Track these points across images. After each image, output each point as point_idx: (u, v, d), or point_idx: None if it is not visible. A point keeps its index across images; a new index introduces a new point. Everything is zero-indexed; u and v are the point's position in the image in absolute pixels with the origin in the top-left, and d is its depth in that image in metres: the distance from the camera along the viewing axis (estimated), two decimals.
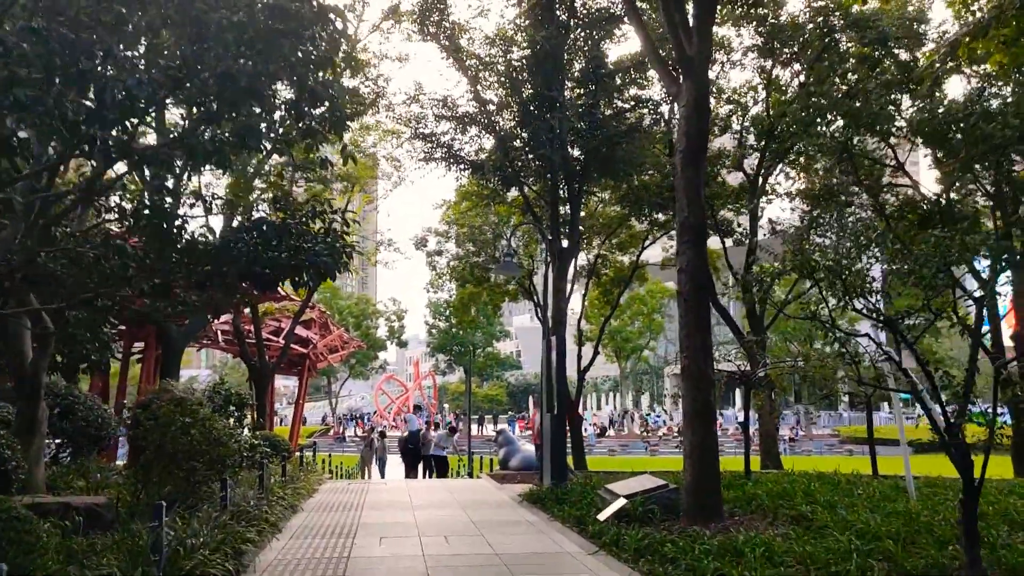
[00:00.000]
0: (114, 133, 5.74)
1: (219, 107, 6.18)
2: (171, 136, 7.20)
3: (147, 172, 7.75)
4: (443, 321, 70.05)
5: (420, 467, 25.22)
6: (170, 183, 9.90)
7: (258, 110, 6.37)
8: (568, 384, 18.06)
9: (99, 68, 5.24)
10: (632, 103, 21.54)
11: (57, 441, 14.21)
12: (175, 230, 6.90)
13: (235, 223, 7.50)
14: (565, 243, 19.58)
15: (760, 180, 23.08)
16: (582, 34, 19.92)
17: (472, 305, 35.85)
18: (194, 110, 6.72)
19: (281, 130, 6.99)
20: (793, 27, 20.60)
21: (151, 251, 7.22)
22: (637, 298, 60.05)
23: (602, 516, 10.27)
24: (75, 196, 7.25)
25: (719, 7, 18.87)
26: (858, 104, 22.08)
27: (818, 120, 22.82)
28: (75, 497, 9.47)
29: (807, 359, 12.35)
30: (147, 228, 6.77)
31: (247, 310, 24.95)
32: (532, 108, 18.96)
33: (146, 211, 6.83)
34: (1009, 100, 20.08)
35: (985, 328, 22.01)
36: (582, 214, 22.90)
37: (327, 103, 6.75)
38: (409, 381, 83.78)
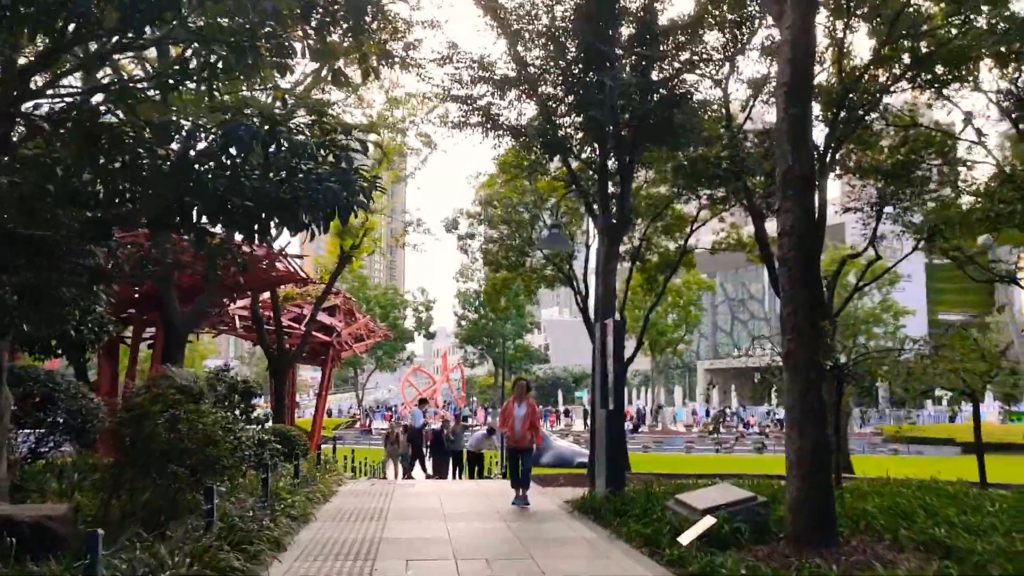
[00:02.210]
0: None
1: None
2: None
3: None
4: (472, 312, 68.32)
5: (451, 465, 23.37)
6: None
7: None
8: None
9: None
10: (688, 66, 19.44)
11: (39, 432, 12.40)
12: (106, 140, 4.95)
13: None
14: (614, 220, 17.54)
15: (828, 156, 20.80)
16: None
17: (503, 294, 33.93)
18: None
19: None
20: None
21: (77, 173, 5.27)
22: (673, 289, 57.83)
23: (684, 539, 8.22)
24: None
25: None
26: (937, 70, 19.88)
27: (891, 89, 20.63)
28: (26, 507, 7.59)
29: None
30: (72, 137, 4.86)
31: (266, 294, 23.29)
32: (579, 68, 16.97)
33: (74, 113, 4.93)
34: None
35: None
36: None
37: None
38: (437, 373, 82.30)
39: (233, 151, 5.16)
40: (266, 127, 5.10)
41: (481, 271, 45.98)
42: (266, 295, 23.19)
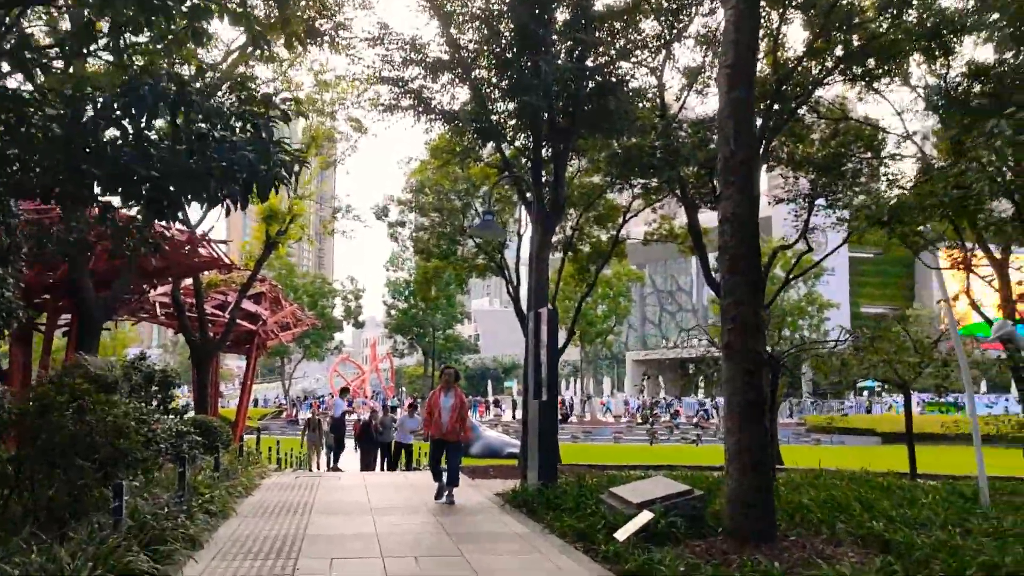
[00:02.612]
0: None
1: None
2: None
3: None
4: (402, 301, 67.65)
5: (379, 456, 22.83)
6: None
7: None
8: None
9: None
10: (623, 53, 19.28)
11: None
12: None
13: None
14: (547, 208, 17.27)
15: (761, 147, 20.88)
16: None
17: (434, 283, 33.48)
18: None
19: None
20: None
21: None
22: (603, 280, 58.12)
23: (621, 535, 8.00)
24: None
25: None
26: (868, 64, 20.15)
27: (824, 81, 20.85)
28: None
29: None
30: None
31: (189, 281, 22.41)
32: (513, 52, 16.63)
33: None
34: None
35: None
36: None
37: None
38: (366, 363, 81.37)
39: (135, 112, 4.62)
40: (174, 87, 4.56)
41: (412, 260, 45.41)
42: (188, 281, 22.33)
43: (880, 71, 20.31)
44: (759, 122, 20.34)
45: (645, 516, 8.11)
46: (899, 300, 74.14)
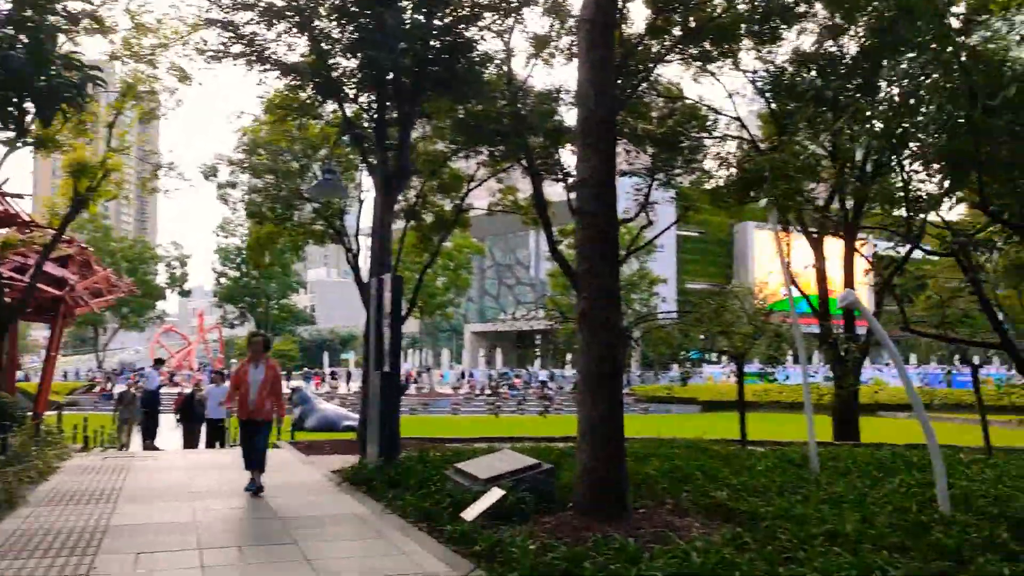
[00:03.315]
0: None
1: None
2: None
3: None
4: (233, 269, 64.58)
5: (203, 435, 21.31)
6: None
7: None
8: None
9: None
10: (472, 13, 18.66)
11: None
12: None
13: None
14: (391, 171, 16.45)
15: None
16: None
17: (268, 249, 31.78)
18: None
19: None
20: None
21: None
22: (444, 252, 57.62)
23: (469, 514, 7.47)
24: None
25: None
26: (704, 46, 20.55)
27: (666, 58, 21.10)
28: None
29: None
30: None
31: None
32: (356, 4, 15.63)
33: None
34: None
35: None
36: None
37: None
38: (192, 334, 77.51)
39: None
40: None
41: (244, 225, 43.17)
42: None
43: (714, 53, 20.78)
44: None
45: (495, 494, 7.63)
46: (719, 277, 78.00)
